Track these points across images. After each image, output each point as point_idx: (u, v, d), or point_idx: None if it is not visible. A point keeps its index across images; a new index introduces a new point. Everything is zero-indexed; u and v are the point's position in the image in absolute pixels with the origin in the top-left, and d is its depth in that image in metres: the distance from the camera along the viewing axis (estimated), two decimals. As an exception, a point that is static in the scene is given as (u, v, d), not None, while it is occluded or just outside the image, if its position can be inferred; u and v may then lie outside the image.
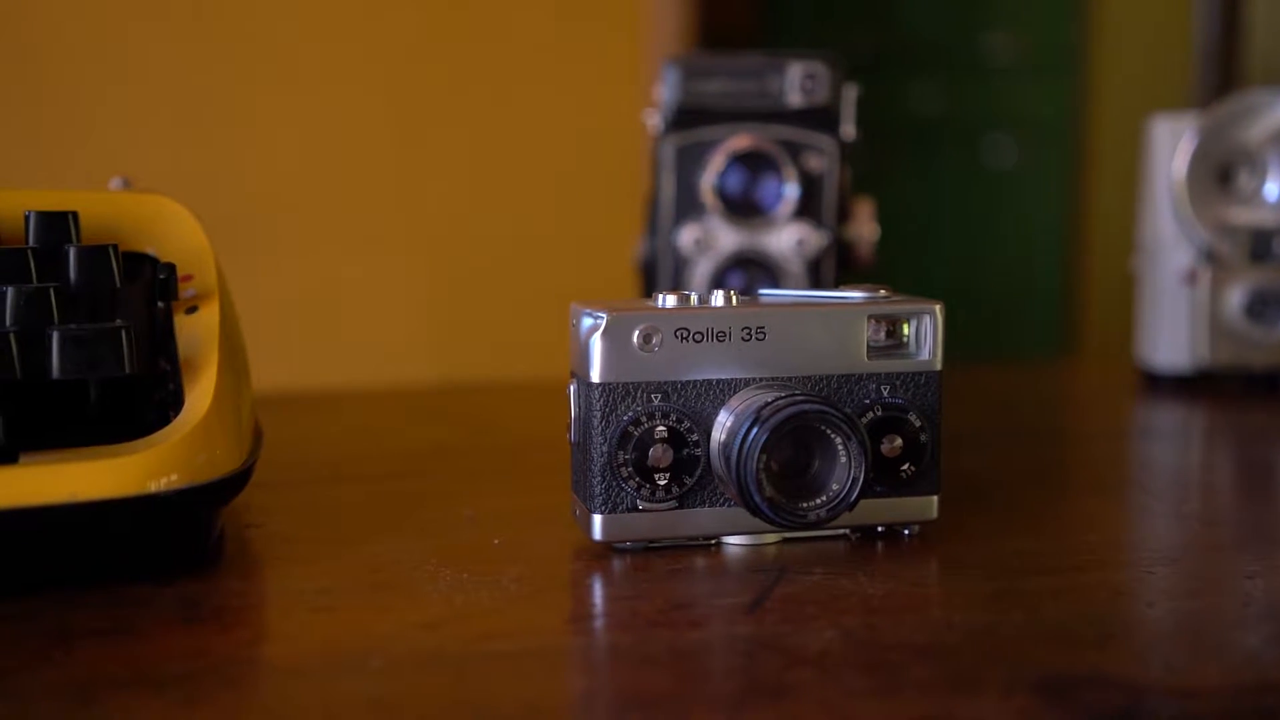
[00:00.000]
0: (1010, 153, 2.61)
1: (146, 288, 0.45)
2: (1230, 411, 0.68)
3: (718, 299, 0.43)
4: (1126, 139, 1.14)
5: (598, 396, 0.41)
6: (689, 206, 0.65)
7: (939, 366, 0.44)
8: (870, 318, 0.43)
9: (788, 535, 0.43)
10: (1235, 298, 0.70)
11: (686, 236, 0.65)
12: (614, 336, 0.41)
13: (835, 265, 0.66)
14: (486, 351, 1.65)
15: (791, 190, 0.64)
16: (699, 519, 0.42)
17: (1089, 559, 0.41)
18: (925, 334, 0.44)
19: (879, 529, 0.44)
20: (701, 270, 0.65)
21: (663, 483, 0.42)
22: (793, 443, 0.41)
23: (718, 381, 0.42)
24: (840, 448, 0.40)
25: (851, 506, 0.41)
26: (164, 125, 1.66)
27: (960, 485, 0.52)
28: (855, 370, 0.43)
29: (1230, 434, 0.65)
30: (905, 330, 0.44)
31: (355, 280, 1.70)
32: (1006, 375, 0.85)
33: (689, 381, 0.42)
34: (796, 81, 0.65)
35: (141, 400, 0.44)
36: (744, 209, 0.65)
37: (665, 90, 0.66)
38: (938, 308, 0.44)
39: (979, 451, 0.58)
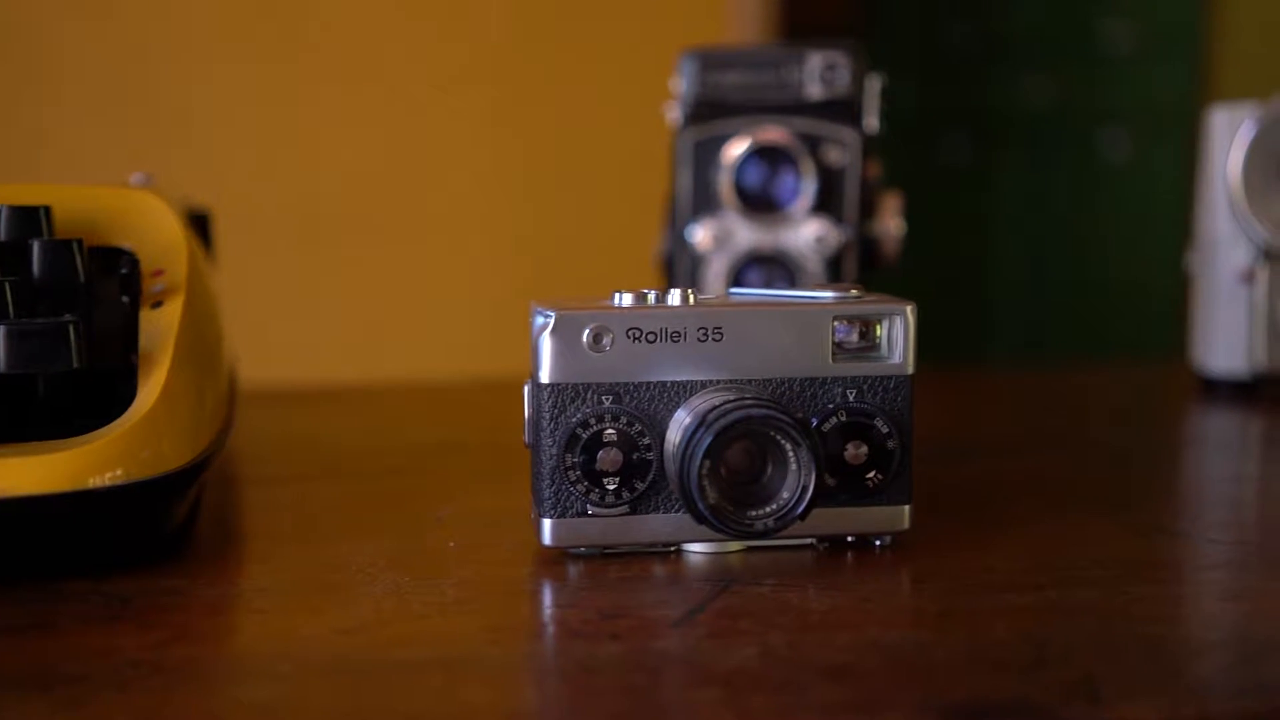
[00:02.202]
0: (1125, 146, 2.53)
1: (119, 282, 0.45)
2: (1283, 420, 0.65)
3: (674, 298, 0.41)
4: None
5: (547, 397, 0.40)
6: (706, 202, 0.64)
7: (910, 370, 0.42)
8: (836, 319, 0.41)
9: (752, 544, 0.42)
10: (1294, 299, 0.66)
11: (702, 233, 0.63)
12: (563, 336, 0.40)
13: (858, 263, 0.64)
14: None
15: (809, 185, 0.62)
16: (653, 525, 0.41)
17: (1061, 577, 0.39)
18: (896, 336, 0.42)
19: (849, 539, 0.42)
20: (717, 267, 0.64)
21: (612, 487, 0.40)
22: (744, 449, 0.39)
23: (673, 383, 0.41)
24: (791, 455, 0.39)
25: (802, 516, 0.39)
26: (245, 123, 1.69)
27: (957, 495, 0.50)
28: (819, 373, 0.41)
29: (1274, 446, 0.61)
30: (877, 332, 0.42)
31: (419, 275, 1.71)
32: (1059, 378, 0.81)
33: (642, 383, 0.40)
34: (816, 72, 0.63)
35: (112, 396, 0.44)
36: (761, 204, 0.63)
37: (683, 82, 0.64)
38: (909, 309, 0.42)
39: (993, 458, 0.55)
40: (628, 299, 0.41)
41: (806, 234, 0.63)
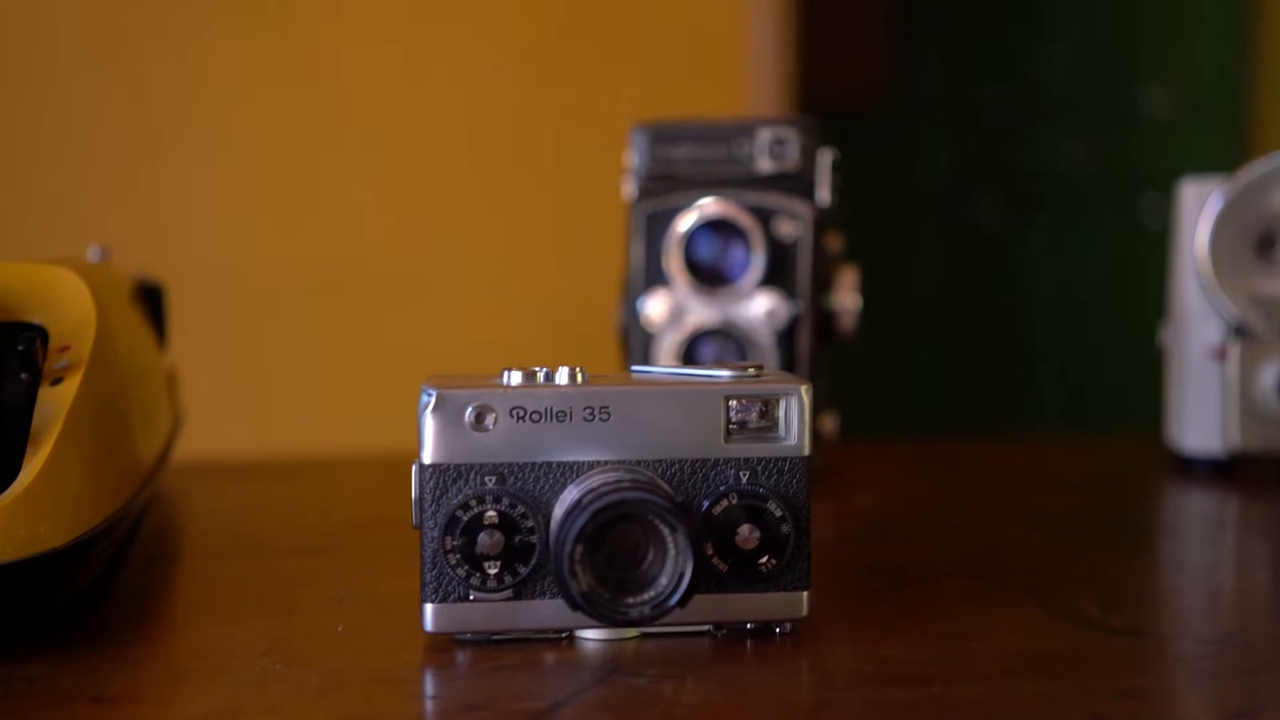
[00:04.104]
0: (1164, 211, 2.50)
1: (18, 359, 0.45)
2: (1258, 503, 0.62)
3: (562, 376, 0.40)
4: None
5: (429, 478, 0.39)
6: (658, 275, 0.63)
7: (806, 452, 0.40)
8: (727, 399, 0.40)
9: (648, 630, 0.40)
10: (1268, 376, 0.64)
11: (653, 306, 0.63)
12: (445, 415, 0.39)
13: (812, 337, 0.63)
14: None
15: (759, 259, 0.61)
16: (539, 611, 0.40)
17: (955, 670, 0.37)
18: (790, 417, 0.40)
19: (748, 626, 0.41)
20: (669, 341, 0.63)
21: (493, 571, 0.39)
22: (623, 533, 0.38)
23: (559, 464, 0.39)
24: (669, 540, 0.37)
25: (681, 604, 0.37)
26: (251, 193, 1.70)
27: (883, 576, 0.48)
28: (712, 454, 0.40)
29: (1239, 530, 0.59)
30: (773, 413, 0.41)
31: (421, 342, 1.71)
32: (1032, 450, 0.79)
33: (527, 464, 0.39)
34: (766, 146, 0.62)
35: (13, 475, 0.43)
36: (711, 278, 0.62)
37: (635, 156, 0.64)
38: (803, 389, 0.40)
39: (935, 536, 0.54)
40: (516, 377, 0.40)
41: (757, 308, 0.62)
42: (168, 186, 1.70)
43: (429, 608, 0.39)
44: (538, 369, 0.40)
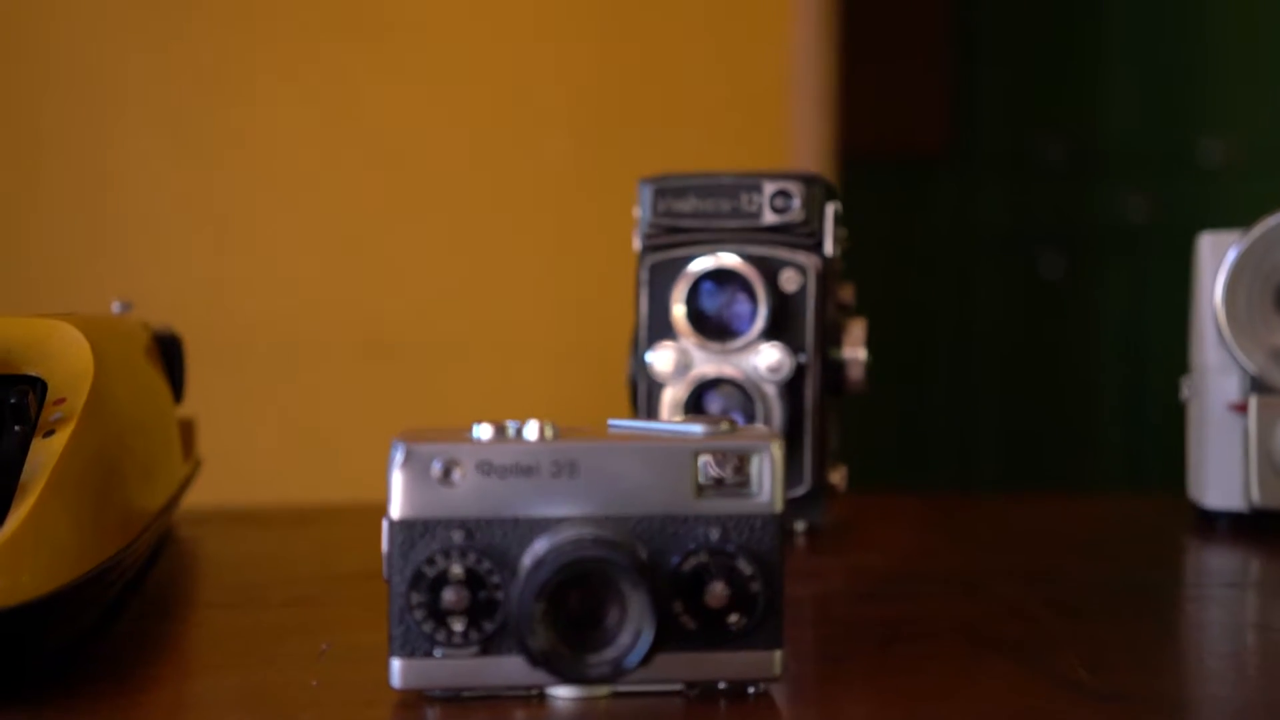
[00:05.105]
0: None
1: (10, 411, 0.46)
2: (1277, 561, 0.61)
3: (531, 431, 0.40)
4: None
5: (397, 532, 0.39)
6: (666, 327, 0.63)
7: (778, 509, 0.40)
8: (697, 454, 0.40)
9: (619, 689, 0.40)
10: (1289, 431, 0.63)
11: (659, 358, 0.63)
12: (412, 469, 0.39)
13: (818, 389, 0.62)
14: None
15: (763, 310, 0.61)
16: (506, 668, 0.39)
17: (920, 734, 0.37)
18: (761, 474, 0.40)
19: (720, 686, 0.40)
20: (674, 393, 0.63)
21: (459, 628, 0.39)
22: (586, 591, 0.38)
23: (526, 519, 0.39)
24: (631, 599, 0.37)
25: (643, 663, 0.37)
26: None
27: (870, 635, 0.47)
28: (681, 511, 0.40)
29: (1252, 590, 0.57)
30: (745, 469, 0.40)
31: (467, 395, 1.72)
32: (1052, 506, 0.78)
33: (495, 519, 0.39)
34: (770, 199, 0.62)
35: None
36: (717, 330, 0.62)
37: (641, 209, 0.64)
38: (774, 445, 0.40)
39: (933, 593, 0.53)
40: (487, 431, 0.40)
41: (761, 360, 0.61)
42: (222, 242, 1.73)
43: (396, 663, 0.39)
44: (509, 423, 0.41)
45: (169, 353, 0.65)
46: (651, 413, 0.63)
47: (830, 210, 0.62)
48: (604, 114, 1.76)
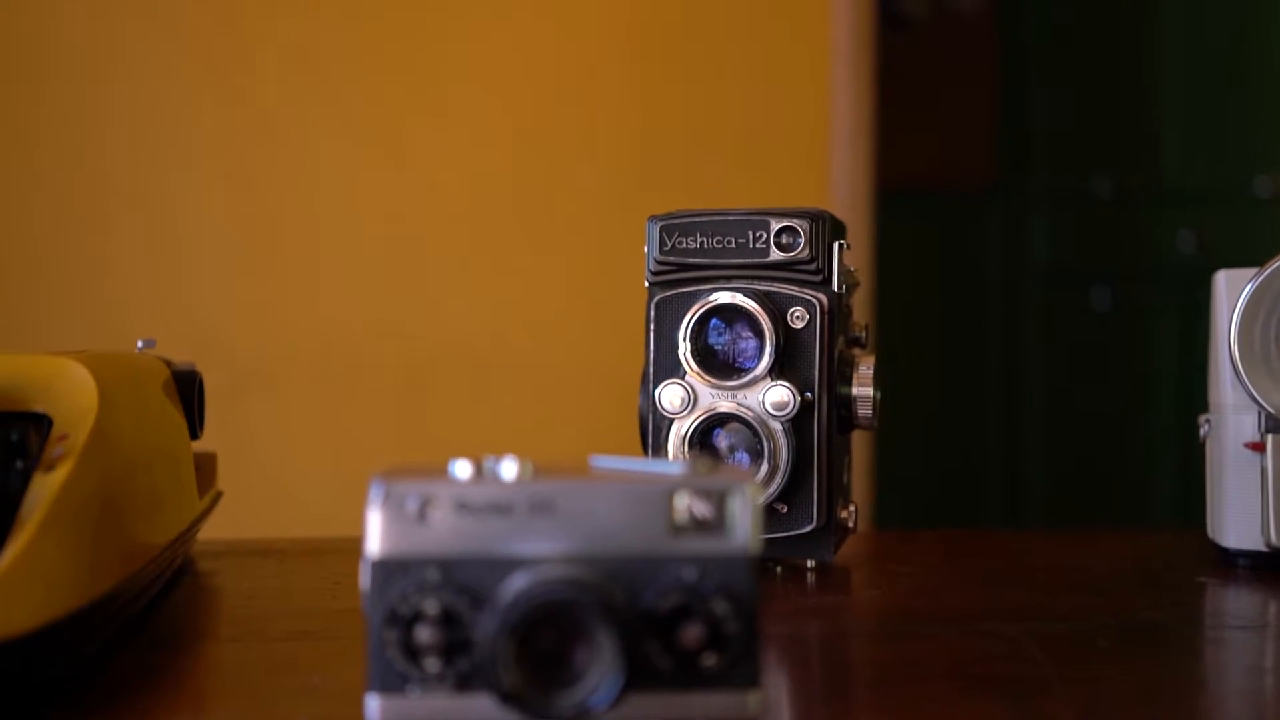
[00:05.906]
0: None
1: (11, 448, 0.47)
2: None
3: (509, 469, 0.40)
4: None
5: (374, 569, 0.40)
6: (674, 364, 0.63)
7: (753, 549, 0.40)
8: (671, 494, 0.40)
9: (597, 727, 0.40)
10: (1306, 471, 0.62)
11: (666, 394, 0.63)
12: (390, 507, 0.40)
13: (826, 427, 0.62)
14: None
15: (769, 347, 0.61)
16: (481, 706, 0.40)
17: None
18: (736, 514, 0.40)
19: (699, 726, 0.40)
20: (680, 429, 0.63)
21: (433, 666, 0.39)
22: (555, 631, 0.38)
23: (503, 558, 0.40)
24: (602, 639, 0.37)
25: (612, 702, 0.37)
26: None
27: (862, 676, 0.47)
28: (656, 551, 0.40)
29: (1259, 633, 0.56)
30: (720, 510, 0.40)
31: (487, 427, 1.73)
32: (1071, 543, 0.77)
33: (471, 557, 0.40)
34: (777, 236, 0.62)
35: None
36: (723, 366, 0.63)
37: (649, 246, 0.64)
38: (749, 487, 0.40)
39: (926, 637, 0.52)
40: (465, 468, 0.41)
41: (768, 397, 0.61)
42: (270, 278, 1.76)
43: (373, 701, 0.40)
44: (487, 459, 0.41)
45: (186, 389, 0.66)
46: (659, 449, 0.63)
47: (837, 247, 0.62)
48: (641, 147, 1.77)
